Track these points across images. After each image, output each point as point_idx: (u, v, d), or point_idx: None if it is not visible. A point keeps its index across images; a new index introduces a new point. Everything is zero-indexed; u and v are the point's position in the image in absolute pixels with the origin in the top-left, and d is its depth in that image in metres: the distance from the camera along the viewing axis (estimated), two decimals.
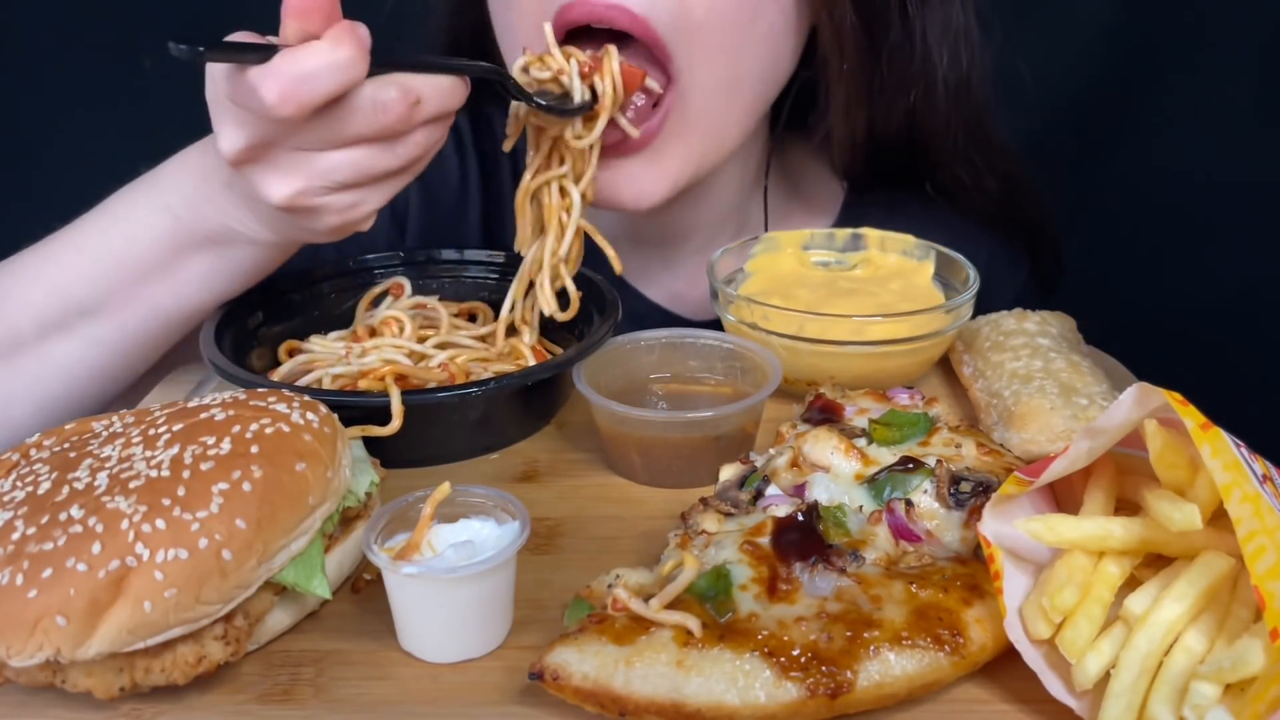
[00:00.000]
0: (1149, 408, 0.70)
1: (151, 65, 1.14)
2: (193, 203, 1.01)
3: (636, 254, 1.38)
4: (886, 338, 1.06)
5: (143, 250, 1.03)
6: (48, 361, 1.07)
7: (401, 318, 1.11)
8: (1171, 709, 0.64)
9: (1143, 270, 1.79)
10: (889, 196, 1.38)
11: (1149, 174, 1.80)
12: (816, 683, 0.67)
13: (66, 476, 0.74)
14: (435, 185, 1.42)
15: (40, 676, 0.71)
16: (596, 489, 0.98)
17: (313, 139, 0.88)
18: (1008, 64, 1.29)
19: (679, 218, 1.34)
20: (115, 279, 1.04)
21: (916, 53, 1.21)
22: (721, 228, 1.37)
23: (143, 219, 1.03)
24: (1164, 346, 1.39)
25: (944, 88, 1.23)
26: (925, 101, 1.24)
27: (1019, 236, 1.41)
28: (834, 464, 0.84)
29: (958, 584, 0.73)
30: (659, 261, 1.39)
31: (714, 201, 1.34)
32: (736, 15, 1.09)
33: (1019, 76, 1.30)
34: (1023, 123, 1.40)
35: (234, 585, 0.71)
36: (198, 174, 1.01)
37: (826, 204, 1.42)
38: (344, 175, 0.90)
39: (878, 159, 1.32)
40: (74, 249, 1.06)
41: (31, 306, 1.06)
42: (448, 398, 0.96)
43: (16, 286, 1.07)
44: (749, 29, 1.11)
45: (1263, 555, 0.62)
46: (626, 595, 0.71)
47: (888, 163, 1.33)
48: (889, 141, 1.28)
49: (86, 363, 1.07)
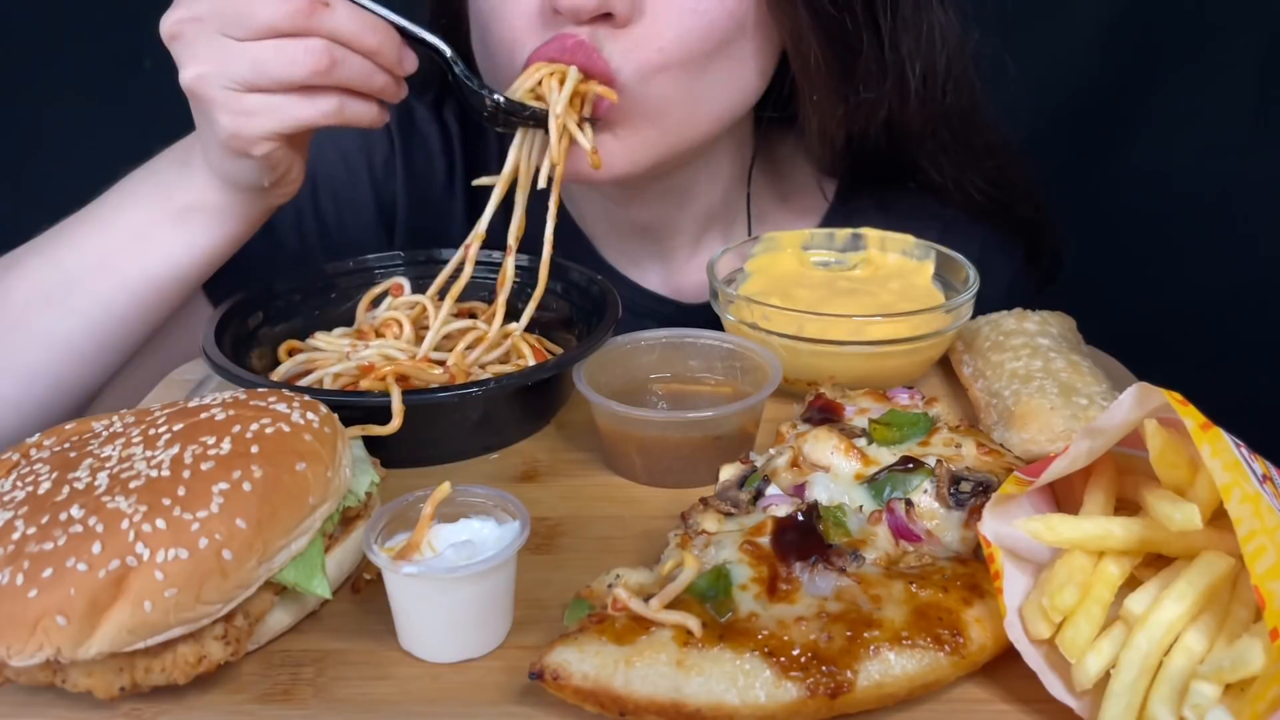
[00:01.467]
0: (1149, 408, 0.70)
1: (152, 64, 1.14)
2: (170, 173, 1.09)
3: (629, 249, 1.39)
4: (886, 338, 1.06)
5: (122, 220, 1.09)
6: (30, 331, 1.11)
7: (401, 319, 1.11)
8: (1171, 709, 0.64)
9: (1142, 270, 1.80)
10: (879, 191, 1.37)
11: (1149, 174, 1.80)
12: (816, 682, 0.67)
13: (67, 476, 0.74)
14: (422, 186, 1.42)
15: (40, 676, 0.71)
16: (596, 489, 0.98)
17: (230, 21, 0.92)
18: (1005, 64, 1.28)
19: (665, 214, 1.34)
20: (95, 248, 1.09)
21: (890, 70, 1.19)
22: (709, 224, 1.38)
23: (132, 190, 1.11)
24: (1164, 346, 1.40)
25: (919, 96, 1.22)
26: (902, 111, 1.23)
27: (1013, 230, 1.40)
28: (834, 464, 0.84)
29: (958, 584, 0.73)
30: (653, 256, 1.40)
31: (699, 199, 1.34)
32: (699, 52, 1.09)
33: (1017, 77, 1.30)
34: (1022, 123, 1.39)
35: (234, 585, 0.71)
36: (180, 148, 1.10)
37: (816, 199, 1.41)
38: (244, 69, 0.93)
39: (862, 158, 1.31)
40: (77, 222, 1.12)
41: (28, 278, 1.11)
42: (448, 398, 0.96)
43: (27, 257, 1.13)
44: (711, 59, 1.11)
45: (1263, 555, 0.62)
46: (626, 595, 0.71)
47: (871, 162, 1.32)
48: (869, 146, 1.28)
49: (63, 333, 1.10)
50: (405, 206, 1.41)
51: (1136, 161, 1.82)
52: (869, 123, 1.23)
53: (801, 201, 1.42)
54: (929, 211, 1.36)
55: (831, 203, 1.41)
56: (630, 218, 1.36)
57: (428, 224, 1.41)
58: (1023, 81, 1.30)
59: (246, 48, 0.93)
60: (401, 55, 0.99)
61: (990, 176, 1.34)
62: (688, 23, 1.08)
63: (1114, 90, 1.81)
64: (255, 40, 0.93)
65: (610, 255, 1.41)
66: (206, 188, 1.06)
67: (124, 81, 1.86)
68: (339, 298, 1.19)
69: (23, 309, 1.10)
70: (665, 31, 1.08)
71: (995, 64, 1.28)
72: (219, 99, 0.95)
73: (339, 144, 1.39)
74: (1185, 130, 1.79)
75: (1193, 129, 1.78)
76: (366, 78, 0.97)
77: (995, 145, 1.35)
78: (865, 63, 1.18)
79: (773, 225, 1.40)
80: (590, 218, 1.40)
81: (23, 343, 1.11)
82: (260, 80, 0.94)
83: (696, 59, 1.10)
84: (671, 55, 1.08)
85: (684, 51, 1.09)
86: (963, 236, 1.33)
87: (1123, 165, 1.82)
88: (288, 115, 0.96)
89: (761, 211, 1.40)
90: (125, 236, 1.09)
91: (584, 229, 1.41)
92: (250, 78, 0.94)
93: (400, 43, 0.98)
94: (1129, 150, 1.83)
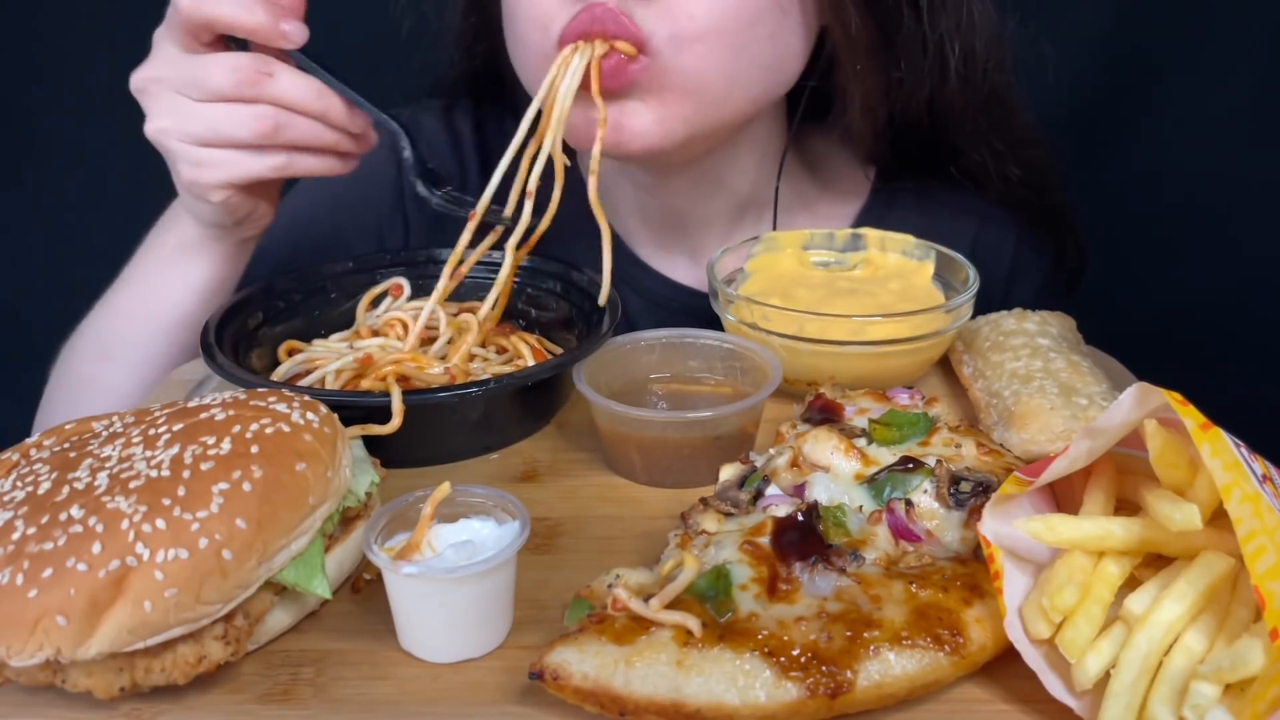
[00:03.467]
0: (1149, 407, 0.70)
1: None
2: (166, 222, 1.21)
3: (659, 240, 1.39)
4: (886, 338, 1.06)
5: (139, 272, 1.22)
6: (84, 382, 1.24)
7: (406, 319, 1.11)
8: (1171, 709, 0.64)
9: (1142, 270, 1.79)
10: (917, 183, 1.38)
11: (1148, 174, 1.80)
12: (816, 682, 0.67)
13: (67, 476, 0.74)
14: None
15: (40, 676, 0.71)
16: (596, 489, 0.98)
17: (188, 82, 1.03)
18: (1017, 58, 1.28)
19: (696, 203, 1.34)
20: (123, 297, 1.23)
21: (931, 47, 1.20)
22: (742, 215, 1.37)
23: (145, 243, 1.22)
24: (1164, 346, 1.39)
25: (960, 76, 1.23)
26: (942, 91, 1.24)
27: (1044, 224, 1.41)
28: (834, 464, 0.84)
29: (958, 584, 0.73)
30: (683, 248, 1.39)
31: (731, 188, 1.34)
32: (734, 23, 1.09)
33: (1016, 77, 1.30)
34: None
35: (234, 585, 0.71)
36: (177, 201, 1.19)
37: (853, 191, 1.41)
38: (198, 127, 1.03)
39: (901, 145, 1.31)
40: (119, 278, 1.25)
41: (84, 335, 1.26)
42: (448, 398, 0.96)
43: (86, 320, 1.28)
44: (747, 33, 1.10)
45: (1262, 555, 0.62)
46: (626, 595, 0.71)
47: (911, 148, 1.32)
48: (909, 129, 1.28)
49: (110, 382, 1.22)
50: (417, 215, 1.42)
51: (1136, 161, 1.82)
52: (910, 100, 1.24)
53: (833, 191, 1.42)
54: (967, 206, 1.36)
55: (873, 183, 1.40)
56: (661, 206, 1.36)
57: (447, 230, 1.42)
58: (1022, 81, 1.30)
59: (201, 108, 1.03)
60: (350, 115, 1.07)
61: (1028, 165, 1.35)
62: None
63: (1114, 90, 1.81)
64: (209, 102, 1.03)
65: (638, 247, 1.40)
66: (188, 226, 1.17)
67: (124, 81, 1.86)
68: (339, 298, 1.19)
69: (79, 365, 1.25)
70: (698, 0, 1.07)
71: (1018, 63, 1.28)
72: (178, 150, 1.05)
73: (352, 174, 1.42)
74: (1185, 130, 1.79)
75: (1193, 129, 1.78)
76: (315, 136, 1.06)
77: (1032, 135, 1.35)
78: (906, 38, 1.18)
79: (814, 211, 1.40)
80: (623, 208, 1.39)
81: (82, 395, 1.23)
82: (212, 138, 1.04)
83: (731, 30, 1.09)
84: (704, 23, 1.07)
85: (718, 20, 1.08)
86: (999, 235, 1.33)
87: (1122, 165, 1.82)
88: (239, 168, 1.05)
89: (803, 198, 1.40)
90: (140, 285, 1.21)
91: (614, 221, 1.41)
92: (204, 135, 1.04)
93: (344, 103, 1.06)
94: (1129, 150, 1.83)
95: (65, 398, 1.26)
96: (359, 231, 1.41)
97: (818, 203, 1.41)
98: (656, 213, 1.37)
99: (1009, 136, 1.32)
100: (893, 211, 1.37)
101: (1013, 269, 1.16)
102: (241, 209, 1.11)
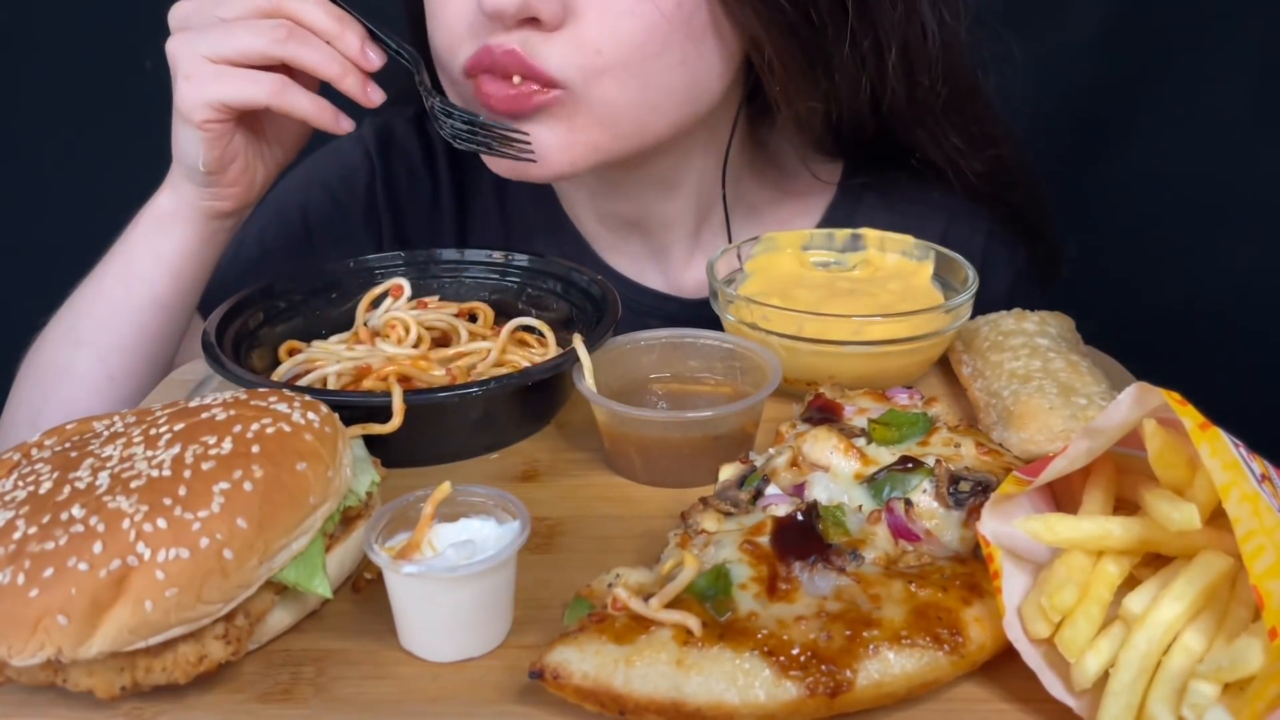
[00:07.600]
0: (1148, 407, 0.70)
1: (152, 65, 1.15)
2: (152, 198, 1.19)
3: (624, 247, 1.39)
4: (886, 338, 1.07)
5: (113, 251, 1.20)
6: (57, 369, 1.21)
7: (408, 320, 1.11)
8: (1170, 708, 0.64)
9: (1141, 270, 1.80)
10: (882, 178, 1.36)
11: (1147, 174, 1.80)
12: (816, 682, 0.67)
13: (68, 476, 0.74)
14: (406, 204, 1.43)
15: (41, 676, 0.71)
16: (596, 489, 0.98)
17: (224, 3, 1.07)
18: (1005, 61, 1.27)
19: (650, 206, 1.33)
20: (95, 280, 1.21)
21: (868, 57, 1.16)
22: (705, 219, 1.36)
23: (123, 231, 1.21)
24: (1163, 346, 1.40)
25: (904, 83, 1.19)
26: (886, 97, 1.21)
27: (1012, 219, 1.39)
28: (833, 463, 0.84)
29: (957, 583, 0.73)
30: (649, 254, 1.39)
31: (685, 191, 1.32)
32: (641, 53, 1.07)
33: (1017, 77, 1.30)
34: (1021, 122, 1.39)
35: (235, 584, 0.71)
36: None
37: (818, 190, 1.39)
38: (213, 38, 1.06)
39: (857, 134, 1.29)
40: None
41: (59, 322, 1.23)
42: (448, 397, 0.96)
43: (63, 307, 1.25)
44: (656, 62, 1.09)
45: (1261, 555, 0.62)
46: (626, 594, 0.71)
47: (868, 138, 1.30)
48: (859, 129, 1.26)
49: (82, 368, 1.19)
50: (390, 224, 1.42)
51: (1135, 161, 1.82)
52: (847, 107, 1.21)
53: (797, 188, 1.40)
54: (935, 203, 1.35)
55: (839, 180, 1.39)
56: (616, 210, 1.35)
57: (418, 241, 1.42)
58: (1022, 81, 1.30)
59: (225, 24, 1.06)
60: (365, 49, 1.08)
61: (989, 165, 1.33)
62: (624, 25, 1.06)
63: (1113, 90, 1.81)
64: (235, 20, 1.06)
65: (607, 255, 1.40)
66: (164, 198, 1.17)
67: (123, 82, 1.86)
68: (339, 298, 1.19)
69: (51, 351, 1.22)
70: (601, 34, 1.06)
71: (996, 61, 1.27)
72: (183, 65, 1.07)
73: (324, 181, 1.42)
74: (1185, 130, 1.79)
75: (1192, 129, 1.78)
76: (323, 62, 1.06)
77: (997, 136, 1.33)
78: (829, 54, 1.15)
79: (772, 220, 1.38)
80: (581, 213, 1.39)
81: (54, 383, 1.21)
82: (223, 48, 1.05)
83: (637, 60, 1.08)
84: (611, 57, 1.07)
85: (624, 53, 1.07)
86: (968, 230, 1.32)
87: (1122, 165, 1.82)
88: (229, 87, 1.06)
89: (754, 207, 1.38)
90: (112, 263, 1.20)
91: (579, 227, 1.41)
92: (216, 46, 1.06)
93: (363, 36, 1.08)
94: (1128, 150, 1.83)
95: (34, 387, 1.23)
96: (332, 241, 1.40)
97: (783, 200, 1.40)
98: (614, 216, 1.37)
99: (968, 137, 1.30)
100: (860, 208, 1.36)
101: (983, 264, 1.15)
102: (219, 143, 1.09)
